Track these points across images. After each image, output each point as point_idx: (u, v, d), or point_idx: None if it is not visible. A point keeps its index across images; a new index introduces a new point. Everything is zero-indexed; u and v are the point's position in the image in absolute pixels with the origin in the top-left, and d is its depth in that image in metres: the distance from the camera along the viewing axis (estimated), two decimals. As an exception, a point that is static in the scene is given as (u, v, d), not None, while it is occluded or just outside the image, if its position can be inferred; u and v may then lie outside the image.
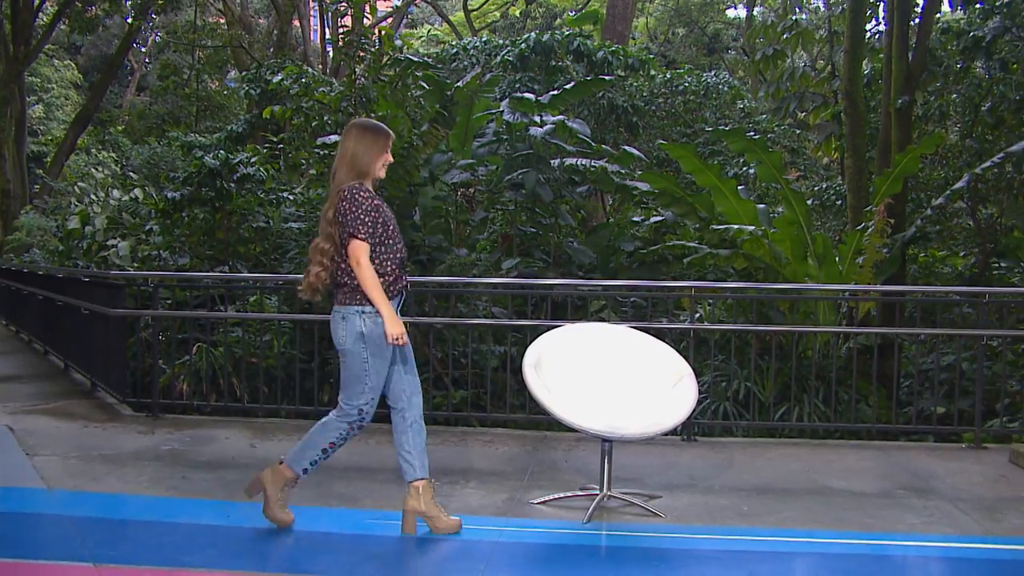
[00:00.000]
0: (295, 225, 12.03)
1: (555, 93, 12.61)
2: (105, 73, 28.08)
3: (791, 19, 18.15)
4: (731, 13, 34.66)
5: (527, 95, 12.30)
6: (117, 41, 30.86)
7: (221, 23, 29.35)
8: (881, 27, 15.39)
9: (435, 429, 7.57)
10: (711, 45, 31.10)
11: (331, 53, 24.24)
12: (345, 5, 11.76)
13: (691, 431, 7.34)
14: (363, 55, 10.64)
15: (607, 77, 14.38)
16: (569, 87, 12.82)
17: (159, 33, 33.04)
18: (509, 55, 16.06)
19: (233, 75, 30.22)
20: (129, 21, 27.82)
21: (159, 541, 4.73)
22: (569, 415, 5.06)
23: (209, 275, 10.22)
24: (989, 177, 11.83)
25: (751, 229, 10.18)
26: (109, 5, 25.08)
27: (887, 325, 9.61)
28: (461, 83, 12.27)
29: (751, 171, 13.54)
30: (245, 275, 10.52)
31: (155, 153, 22.82)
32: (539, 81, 15.62)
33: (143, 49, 37.53)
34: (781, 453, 6.95)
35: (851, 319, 10.32)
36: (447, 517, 4.86)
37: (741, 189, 11.62)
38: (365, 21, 12.60)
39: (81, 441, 6.98)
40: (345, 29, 11.38)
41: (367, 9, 11.61)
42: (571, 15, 25.09)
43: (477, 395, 8.75)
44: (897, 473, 6.37)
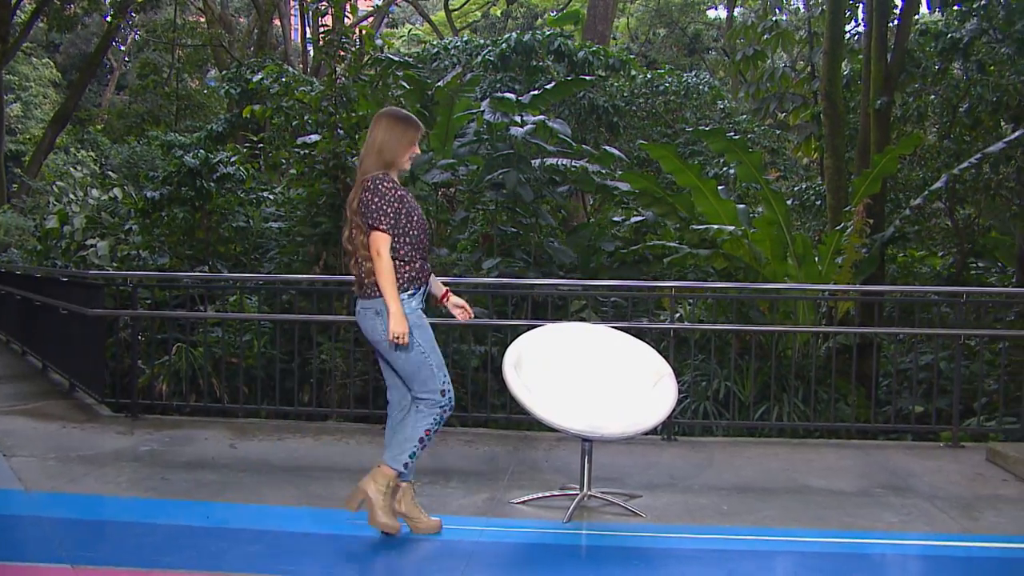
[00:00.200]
0: (275, 225, 12.00)
1: (536, 93, 12.63)
2: (84, 71, 27.93)
3: (771, 20, 18.22)
4: (712, 14, 34.80)
5: (508, 95, 12.31)
6: (96, 39, 30.70)
7: (201, 22, 29.26)
8: (860, 28, 15.52)
9: (416, 429, 7.57)
10: (692, 45, 31.20)
11: (311, 52, 24.16)
12: (326, 4, 11.72)
13: (671, 431, 7.36)
14: (344, 54, 10.62)
15: (588, 77, 14.41)
16: (550, 87, 12.83)
17: (138, 31, 32.87)
18: (490, 55, 16.08)
19: (213, 74, 30.12)
20: (108, 19, 27.68)
21: (138, 542, 4.71)
22: (549, 415, 5.06)
23: (189, 275, 10.17)
24: (967, 178, 11.91)
25: (731, 229, 10.21)
26: (88, 3, 24.93)
27: (866, 325, 9.67)
28: (442, 83, 12.27)
29: (731, 171, 13.59)
30: (225, 275, 10.48)
31: (134, 152, 22.73)
32: (520, 81, 15.64)
33: (122, 48, 37.35)
34: (761, 452, 6.97)
35: (830, 319, 10.37)
36: (427, 518, 4.85)
37: (721, 189, 11.66)
38: (346, 20, 12.56)
39: (59, 442, 6.93)
40: (326, 28, 11.35)
41: (348, 8, 11.59)
42: (552, 15, 25.10)
43: (457, 395, 8.71)
44: (876, 472, 6.41)
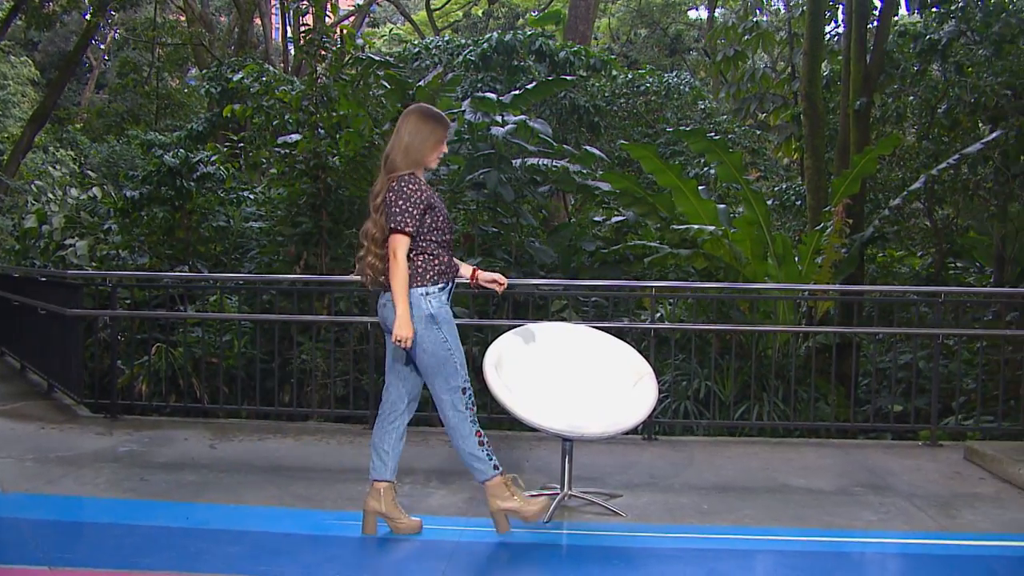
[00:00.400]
0: (255, 224, 11.95)
1: (517, 93, 12.62)
2: (63, 70, 27.66)
3: (752, 21, 18.30)
4: (693, 14, 34.88)
5: (489, 95, 12.30)
6: (75, 38, 30.43)
7: (181, 20, 29.06)
8: (840, 29, 15.56)
9: (396, 429, 7.56)
10: (673, 46, 31.26)
11: (292, 52, 24.10)
12: (307, 4, 11.69)
13: (652, 430, 7.38)
14: (324, 54, 10.59)
15: (569, 77, 14.42)
16: (531, 87, 12.84)
17: (118, 30, 32.65)
18: (471, 55, 16.06)
19: (193, 73, 29.97)
20: (87, 17, 27.45)
21: (117, 544, 4.69)
22: (530, 415, 5.06)
23: (169, 275, 10.13)
24: (945, 178, 11.97)
25: (711, 229, 10.24)
26: (67, 1, 24.73)
27: (845, 324, 9.72)
28: (423, 82, 12.25)
29: (712, 171, 13.61)
30: (205, 275, 10.44)
31: (114, 151, 22.60)
32: (501, 81, 15.63)
33: (102, 46, 37.08)
34: (741, 452, 7.00)
35: (810, 318, 10.41)
36: (408, 518, 4.85)
37: (702, 189, 11.69)
38: (327, 20, 12.53)
39: (37, 443, 6.89)
40: (307, 28, 11.31)
41: (329, 8, 11.56)
42: (533, 15, 25.13)
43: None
44: (855, 471, 6.45)
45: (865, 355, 10.22)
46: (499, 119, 11.64)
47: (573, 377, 5.50)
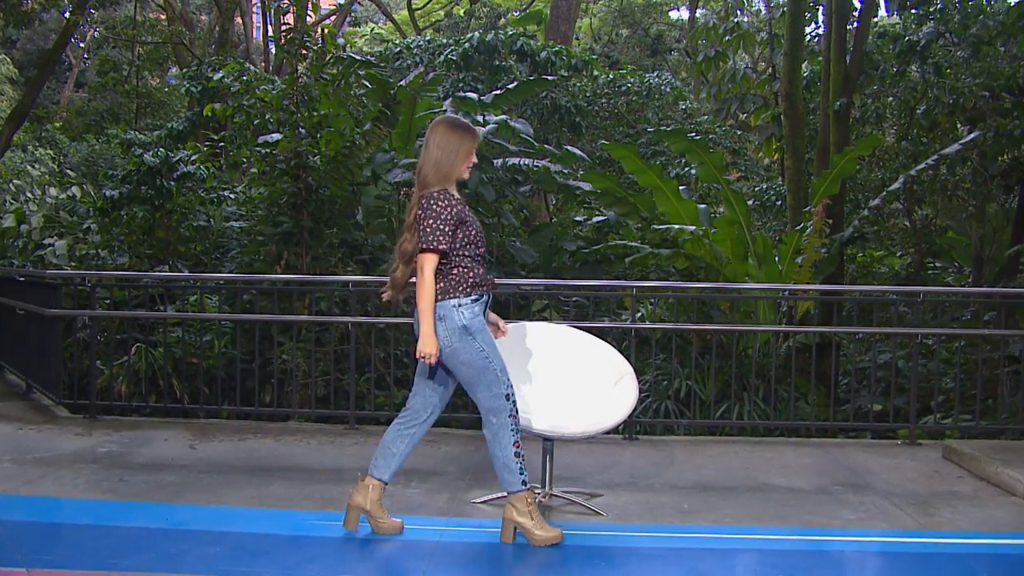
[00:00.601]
0: (236, 224, 11.90)
1: (498, 93, 12.62)
2: (42, 68, 27.44)
3: (733, 21, 18.38)
4: (674, 15, 34.92)
5: (470, 94, 12.30)
6: (54, 35, 30.24)
7: (162, 19, 28.92)
8: (820, 30, 15.64)
9: (377, 429, 7.54)
10: (654, 46, 31.31)
11: (273, 51, 24.00)
12: (288, 3, 11.64)
13: (632, 430, 7.40)
14: (305, 53, 10.56)
15: (550, 77, 14.41)
16: (512, 87, 12.84)
17: (98, 28, 32.45)
18: (452, 54, 16.05)
19: (174, 72, 29.81)
20: (67, 15, 27.27)
21: (95, 545, 4.66)
22: (511, 414, 5.05)
23: (149, 274, 10.07)
24: (924, 179, 12.06)
25: (692, 229, 10.27)
26: (46, -1, 24.58)
27: (825, 324, 9.78)
28: (404, 82, 12.23)
29: (692, 171, 13.66)
30: (185, 274, 10.39)
31: (93, 150, 22.45)
32: (482, 80, 15.63)
33: (81, 44, 36.85)
34: (721, 451, 7.03)
35: (790, 318, 10.46)
36: (389, 519, 4.85)
37: (682, 189, 11.72)
38: (308, 19, 12.49)
39: (15, 444, 6.85)
40: (287, 27, 11.26)
41: (310, 7, 11.53)
42: (515, 15, 25.15)
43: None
44: (834, 469, 6.48)
45: (845, 354, 10.27)
46: (480, 119, 11.63)
47: (554, 377, 5.50)
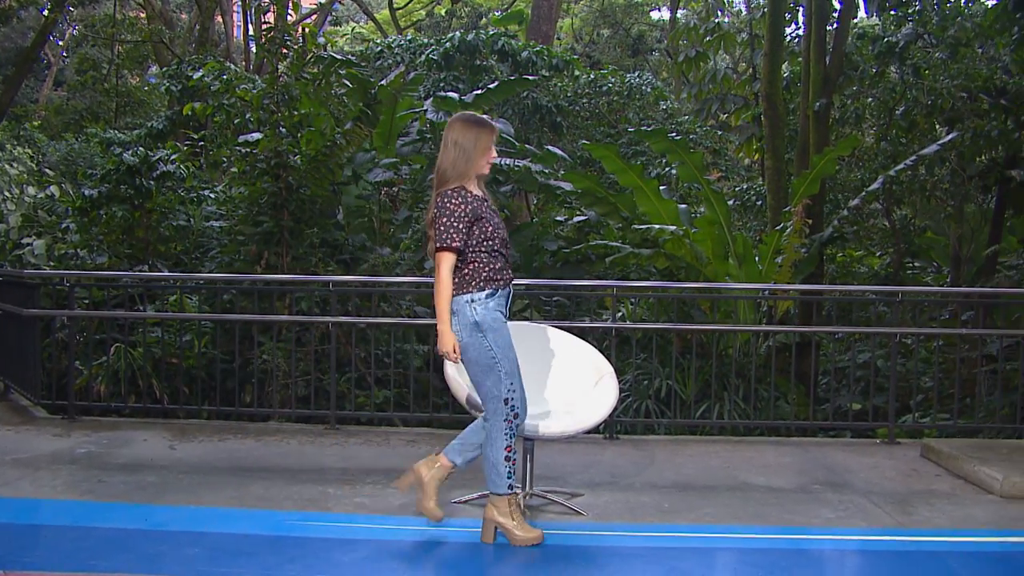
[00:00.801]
0: (216, 223, 11.84)
1: (479, 92, 12.64)
2: (20, 67, 27.28)
3: (713, 22, 18.46)
4: (655, 15, 35.00)
5: (451, 94, 12.32)
6: (32, 33, 30.02)
7: (141, 17, 28.75)
8: (800, 31, 15.71)
9: (358, 429, 7.56)
10: (635, 46, 31.36)
11: (254, 50, 23.92)
12: (268, 1, 11.62)
13: (613, 429, 7.40)
14: (286, 52, 10.51)
15: (531, 77, 14.45)
16: (493, 86, 12.85)
17: (77, 26, 32.26)
18: (433, 54, 16.06)
19: (154, 71, 29.64)
20: (45, 13, 27.10)
21: (74, 546, 4.63)
22: (492, 414, 5.05)
23: (128, 274, 10.01)
24: (903, 179, 12.13)
25: (672, 229, 10.30)
26: (24, -4, 24.41)
27: (805, 323, 9.81)
28: (385, 82, 12.22)
29: (673, 171, 13.70)
30: (165, 274, 10.34)
31: (72, 149, 22.31)
32: (463, 80, 15.64)
33: (60, 43, 36.63)
34: (702, 450, 7.04)
35: (770, 318, 10.50)
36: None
37: (663, 189, 11.76)
38: (288, 18, 12.45)
39: (-7, 445, 6.80)
40: (268, 26, 11.23)
41: (290, 6, 11.49)
42: (496, 15, 25.12)
43: (400, 395, 8.71)
44: (814, 468, 6.51)
45: (824, 354, 10.32)
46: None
47: (535, 376, 5.50)
